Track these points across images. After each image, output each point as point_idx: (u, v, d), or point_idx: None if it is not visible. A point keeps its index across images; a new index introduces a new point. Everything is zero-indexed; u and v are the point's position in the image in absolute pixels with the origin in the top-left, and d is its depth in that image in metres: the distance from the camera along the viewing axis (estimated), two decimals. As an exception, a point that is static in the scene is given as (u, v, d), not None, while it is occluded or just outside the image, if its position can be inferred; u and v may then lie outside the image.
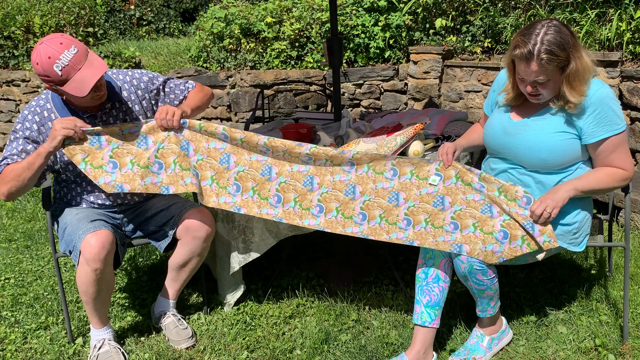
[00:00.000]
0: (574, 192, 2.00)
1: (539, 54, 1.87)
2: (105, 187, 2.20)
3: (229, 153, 2.26)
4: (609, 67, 4.16)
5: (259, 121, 5.07)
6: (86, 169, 2.18)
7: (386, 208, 2.19)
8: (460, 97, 5.16)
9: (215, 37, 5.65)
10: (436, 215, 2.13)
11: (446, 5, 5.31)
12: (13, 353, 2.37)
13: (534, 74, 1.91)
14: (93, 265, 2.09)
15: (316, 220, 2.23)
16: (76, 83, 2.02)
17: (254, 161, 2.26)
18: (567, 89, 1.93)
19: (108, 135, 2.19)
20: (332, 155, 2.20)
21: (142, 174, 2.21)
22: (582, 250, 2.24)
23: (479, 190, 2.09)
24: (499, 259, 2.03)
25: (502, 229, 2.04)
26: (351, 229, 2.21)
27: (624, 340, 2.27)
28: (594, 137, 1.98)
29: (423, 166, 2.17)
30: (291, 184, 2.25)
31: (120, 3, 8.65)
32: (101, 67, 2.06)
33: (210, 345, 2.37)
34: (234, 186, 2.26)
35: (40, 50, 1.99)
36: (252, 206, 2.26)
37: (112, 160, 2.20)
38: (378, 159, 2.20)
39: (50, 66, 1.98)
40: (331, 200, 2.23)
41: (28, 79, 5.54)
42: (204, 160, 2.26)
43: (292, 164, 2.25)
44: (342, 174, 2.23)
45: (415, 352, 2.14)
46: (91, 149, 2.18)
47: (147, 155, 2.22)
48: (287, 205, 2.25)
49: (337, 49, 3.40)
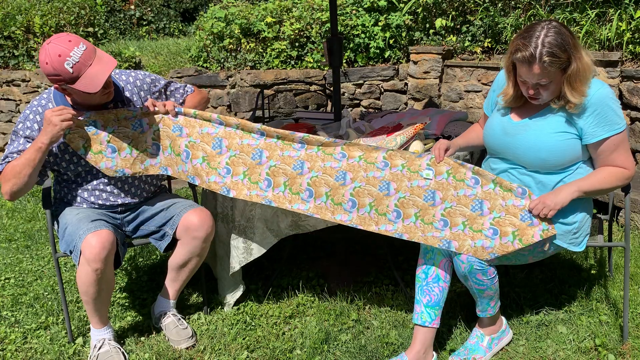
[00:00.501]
0: (578, 194, 2.00)
1: (541, 57, 1.86)
2: (107, 172, 2.24)
3: (221, 137, 2.30)
4: (609, 67, 4.16)
5: (259, 121, 5.04)
6: (87, 155, 2.21)
7: (376, 197, 2.18)
8: (460, 97, 5.16)
9: (215, 37, 5.66)
10: (426, 210, 2.14)
11: (446, 5, 5.31)
12: (13, 353, 2.37)
13: (536, 76, 1.91)
14: (94, 265, 2.09)
15: (305, 205, 2.23)
16: (88, 79, 2.02)
17: (245, 145, 2.29)
18: (568, 89, 1.93)
19: (103, 122, 2.22)
20: (324, 143, 2.23)
21: (141, 158, 2.29)
22: (582, 250, 2.24)
23: (471, 186, 2.10)
24: (490, 255, 2.03)
25: (492, 227, 2.05)
26: (340, 216, 2.21)
27: (624, 340, 2.27)
28: (595, 137, 1.99)
29: (414, 160, 2.18)
30: (281, 167, 2.25)
31: (120, 3, 8.65)
32: (111, 63, 2.06)
33: (210, 345, 2.37)
34: (225, 169, 2.29)
35: (49, 49, 1.99)
36: (241, 189, 2.28)
37: (110, 145, 2.24)
38: (370, 151, 2.21)
39: (61, 64, 1.98)
40: (321, 185, 2.22)
41: (28, 79, 5.54)
42: (196, 143, 2.30)
43: (284, 149, 2.27)
44: (333, 162, 2.23)
45: (415, 352, 2.14)
46: (89, 135, 2.21)
47: (143, 139, 2.29)
48: (277, 190, 2.26)
49: (337, 49, 3.40)
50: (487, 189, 2.08)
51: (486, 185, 2.09)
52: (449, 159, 2.16)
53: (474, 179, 2.11)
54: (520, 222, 2.03)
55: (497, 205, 2.07)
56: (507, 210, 2.05)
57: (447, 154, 2.22)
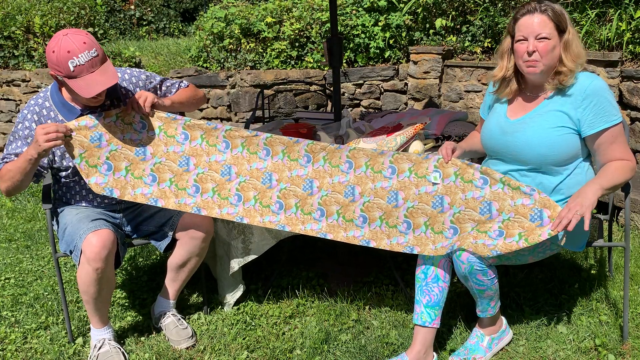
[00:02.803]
0: (601, 192, 1.97)
1: (545, 8, 2.00)
2: (95, 188, 2.20)
3: (230, 165, 2.28)
4: (609, 67, 4.16)
5: (259, 121, 5.07)
6: (81, 164, 2.18)
7: (385, 209, 2.19)
8: (460, 97, 5.16)
9: (216, 37, 5.66)
10: (435, 218, 2.13)
11: (446, 5, 5.31)
12: (13, 353, 2.37)
13: (537, 26, 1.98)
14: (94, 265, 2.09)
15: (318, 224, 2.24)
16: (83, 83, 2.03)
17: (255, 170, 2.28)
18: (565, 53, 2.00)
19: (110, 136, 2.20)
20: (329, 150, 2.22)
21: (134, 184, 2.24)
22: (583, 250, 2.24)
23: (480, 187, 2.09)
24: (491, 251, 2.01)
25: (499, 229, 2.04)
26: (353, 233, 2.22)
27: (624, 340, 2.27)
28: (593, 128, 1.99)
29: (422, 163, 2.17)
30: (292, 189, 2.25)
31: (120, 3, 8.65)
32: (113, 78, 2.07)
33: (210, 345, 2.37)
34: (235, 196, 2.28)
35: (62, 42, 1.99)
36: (254, 216, 2.26)
37: (108, 162, 2.21)
38: (376, 156, 2.20)
39: (66, 60, 1.99)
40: (332, 203, 2.23)
41: (28, 79, 5.54)
42: (204, 173, 2.28)
43: (292, 168, 2.26)
44: (340, 175, 2.23)
45: (415, 352, 2.14)
46: (90, 146, 2.18)
47: (142, 167, 2.25)
48: (289, 212, 2.26)
49: (337, 49, 3.40)
50: (496, 189, 2.07)
51: (494, 185, 2.07)
52: (456, 159, 2.16)
53: (482, 179, 2.09)
54: (530, 224, 2.00)
55: (506, 206, 2.05)
56: (517, 210, 2.03)
57: (455, 155, 2.21)
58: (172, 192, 2.26)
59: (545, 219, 1.99)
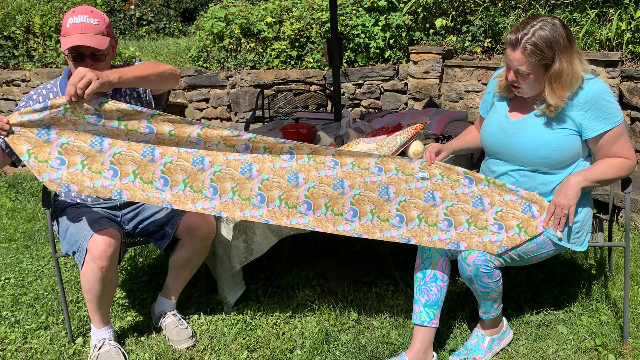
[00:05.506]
0: (584, 183, 1.99)
1: (524, 44, 1.90)
2: (50, 185, 1.98)
3: (203, 155, 2.06)
4: (609, 67, 4.16)
5: (259, 121, 5.07)
6: (29, 161, 1.95)
7: (377, 203, 2.14)
8: (460, 97, 5.16)
9: (215, 37, 5.66)
10: (429, 211, 2.14)
11: (446, 5, 5.31)
12: (13, 353, 2.37)
13: (516, 62, 1.95)
14: (99, 263, 2.09)
15: (304, 218, 2.11)
16: (68, 39, 2.10)
17: (232, 160, 2.08)
18: (548, 89, 1.95)
19: (59, 129, 1.96)
20: (315, 150, 2.11)
21: (91, 177, 2.00)
22: (585, 249, 2.24)
23: (467, 185, 2.12)
24: (499, 248, 2.03)
25: (496, 222, 2.06)
26: (342, 227, 2.12)
27: (624, 340, 2.27)
28: (594, 132, 1.99)
29: (407, 165, 2.17)
30: (275, 180, 2.10)
31: (120, 3, 8.65)
32: (93, 41, 2.08)
33: (210, 345, 2.37)
34: (210, 189, 2.08)
35: (78, 7, 2.16)
36: (233, 210, 2.08)
37: (60, 157, 1.97)
38: (362, 157, 2.16)
39: (67, 17, 2.13)
40: (319, 196, 2.11)
41: (28, 79, 5.55)
42: (174, 161, 2.05)
43: (274, 161, 2.10)
44: (327, 170, 2.13)
45: (415, 352, 2.14)
46: (37, 141, 1.95)
47: (101, 160, 2.00)
48: (272, 205, 2.08)
49: (337, 49, 3.40)
50: (482, 187, 2.11)
51: (480, 184, 2.11)
52: (439, 162, 2.17)
53: (467, 179, 2.13)
54: (523, 215, 2.05)
55: (496, 201, 2.09)
56: (507, 204, 2.07)
57: (439, 158, 2.23)
58: (136, 186, 2.02)
59: (535, 212, 2.04)
